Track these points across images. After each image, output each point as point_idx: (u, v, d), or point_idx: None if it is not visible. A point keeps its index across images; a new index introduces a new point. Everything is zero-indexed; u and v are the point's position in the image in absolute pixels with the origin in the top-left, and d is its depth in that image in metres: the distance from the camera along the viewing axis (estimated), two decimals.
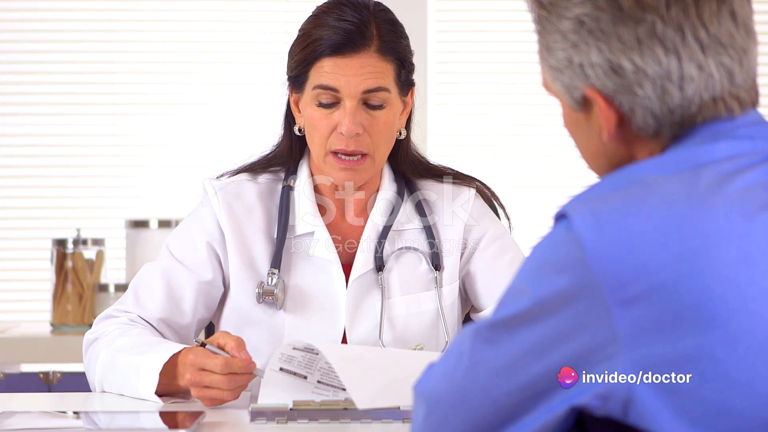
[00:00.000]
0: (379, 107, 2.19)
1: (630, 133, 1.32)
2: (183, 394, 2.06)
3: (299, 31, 2.23)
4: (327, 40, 2.16)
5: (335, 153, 2.19)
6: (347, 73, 2.16)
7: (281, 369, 1.94)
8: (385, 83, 2.18)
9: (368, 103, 2.18)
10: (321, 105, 2.18)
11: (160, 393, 2.03)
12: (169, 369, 2.02)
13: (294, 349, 1.94)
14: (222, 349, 1.95)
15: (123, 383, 2.08)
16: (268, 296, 2.19)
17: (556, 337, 1.22)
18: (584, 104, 1.33)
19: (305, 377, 1.95)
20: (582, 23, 1.30)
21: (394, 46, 2.20)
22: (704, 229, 1.20)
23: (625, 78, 1.28)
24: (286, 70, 2.25)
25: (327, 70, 2.16)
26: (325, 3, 2.22)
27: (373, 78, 2.17)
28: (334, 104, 2.18)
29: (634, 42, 1.27)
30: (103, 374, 2.13)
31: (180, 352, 2.02)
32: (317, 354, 1.93)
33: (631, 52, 1.28)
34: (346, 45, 2.16)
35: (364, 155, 2.19)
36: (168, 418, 1.88)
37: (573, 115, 1.35)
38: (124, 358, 2.09)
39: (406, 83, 2.24)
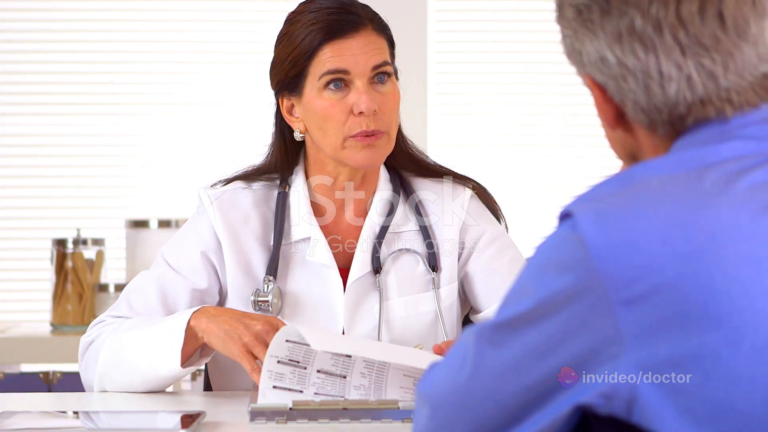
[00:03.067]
0: (387, 83, 2.20)
1: (629, 123, 1.32)
2: (201, 359, 2.11)
3: (279, 38, 2.22)
4: (322, 30, 2.16)
5: (354, 136, 2.19)
6: (354, 53, 2.17)
7: (275, 387, 1.94)
8: (388, 58, 2.21)
9: (376, 80, 2.19)
10: (332, 91, 2.18)
11: (183, 357, 2.07)
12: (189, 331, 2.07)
13: (279, 363, 1.94)
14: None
15: (137, 358, 2.09)
16: (263, 303, 2.19)
17: (560, 336, 1.22)
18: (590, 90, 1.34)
19: (301, 391, 1.95)
20: (580, 12, 1.31)
21: (384, 26, 2.23)
22: (709, 229, 1.19)
23: (611, 69, 1.29)
24: (272, 83, 2.24)
25: (331, 55, 2.17)
26: (298, 6, 2.23)
27: (378, 53, 2.19)
28: (343, 88, 2.18)
29: (616, 35, 1.28)
30: (108, 362, 2.13)
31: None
32: (306, 369, 1.94)
33: (614, 45, 1.28)
34: (346, 26, 2.17)
35: (381, 132, 2.19)
36: (168, 418, 1.88)
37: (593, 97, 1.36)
38: (137, 334, 2.11)
39: (394, 72, 2.25)
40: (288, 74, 2.21)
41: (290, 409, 1.86)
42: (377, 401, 1.89)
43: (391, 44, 2.24)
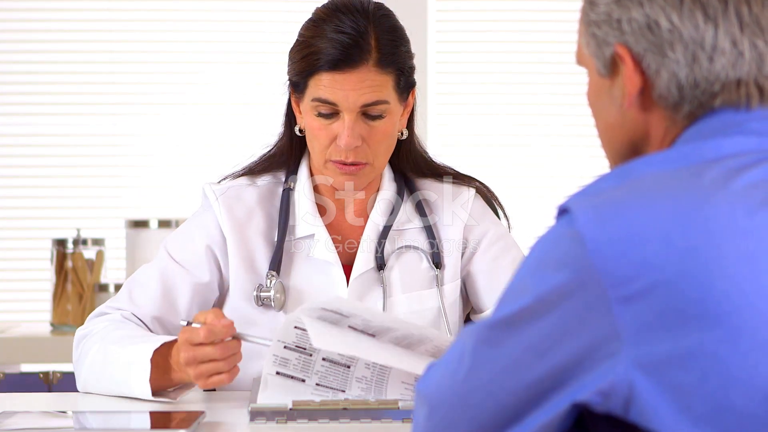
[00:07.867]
0: (379, 117, 2.18)
1: (650, 102, 1.32)
2: (175, 390, 2.05)
3: (298, 35, 2.21)
4: (325, 55, 2.14)
5: (334, 162, 2.20)
6: (345, 88, 2.14)
7: (278, 373, 1.94)
8: (384, 95, 2.17)
9: (367, 114, 2.18)
10: (320, 115, 2.18)
11: (153, 386, 2.01)
12: (162, 361, 2.01)
13: (286, 348, 1.94)
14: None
15: (113, 377, 2.07)
16: (265, 298, 2.19)
17: (558, 334, 1.22)
18: (611, 67, 1.34)
19: (303, 380, 1.95)
20: None
21: (393, 58, 2.18)
22: (707, 226, 1.19)
23: (659, 36, 1.29)
24: (287, 70, 2.24)
25: (325, 84, 2.15)
26: (324, 8, 2.20)
27: (372, 92, 2.16)
28: (332, 115, 2.17)
29: (677, 1, 1.29)
30: (91, 369, 2.12)
31: (173, 343, 2.02)
32: (311, 355, 1.93)
33: (672, 10, 1.29)
34: (344, 60, 2.14)
35: (363, 164, 2.19)
36: (168, 418, 1.88)
37: (598, 83, 1.36)
38: (116, 351, 2.07)
39: (405, 88, 2.23)
40: (293, 77, 2.22)
41: (290, 409, 1.86)
42: (377, 401, 1.89)
43: (401, 72, 2.19)
